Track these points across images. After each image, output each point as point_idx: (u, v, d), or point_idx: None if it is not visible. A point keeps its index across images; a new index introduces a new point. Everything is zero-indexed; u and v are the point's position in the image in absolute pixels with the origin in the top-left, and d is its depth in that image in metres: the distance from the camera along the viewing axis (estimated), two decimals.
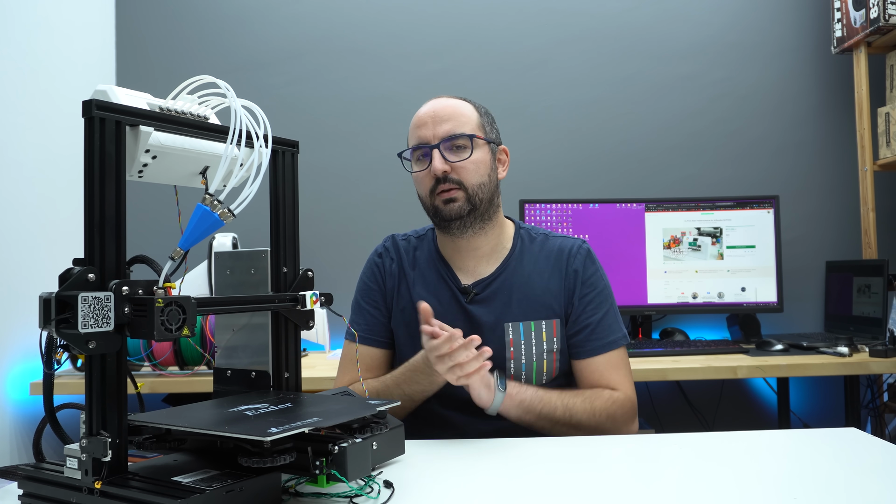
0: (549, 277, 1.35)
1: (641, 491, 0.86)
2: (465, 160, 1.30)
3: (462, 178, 1.29)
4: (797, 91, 2.56)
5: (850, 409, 2.19)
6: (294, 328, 0.96)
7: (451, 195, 1.29)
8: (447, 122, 1.30)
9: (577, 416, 1.23)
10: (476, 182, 1.30)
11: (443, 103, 1.34)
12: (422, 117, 1.33)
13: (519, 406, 1.21)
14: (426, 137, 1.31)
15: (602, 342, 1.32)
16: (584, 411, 1.24)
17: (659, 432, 1.56)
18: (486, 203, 1.32)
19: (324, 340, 2.19)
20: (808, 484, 0.88)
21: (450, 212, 1.30)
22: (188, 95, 0.88)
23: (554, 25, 2.57)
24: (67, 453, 0.74)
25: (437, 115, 1.31)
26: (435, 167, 1.29)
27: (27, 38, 2.04)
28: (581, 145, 2.55)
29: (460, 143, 1.30)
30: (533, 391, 1.23)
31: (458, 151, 1.30)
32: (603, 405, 1.26)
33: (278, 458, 0.74)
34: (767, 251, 2.31)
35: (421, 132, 1.32)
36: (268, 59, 2.56)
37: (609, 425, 1.25)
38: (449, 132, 1.30)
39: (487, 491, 0.87)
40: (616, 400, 1.27)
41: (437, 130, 1.30)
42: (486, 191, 1.32)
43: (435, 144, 1.29)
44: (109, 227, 0.74)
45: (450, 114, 1.31)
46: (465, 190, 1.29)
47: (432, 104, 1.34)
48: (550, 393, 1.24)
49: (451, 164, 1.29)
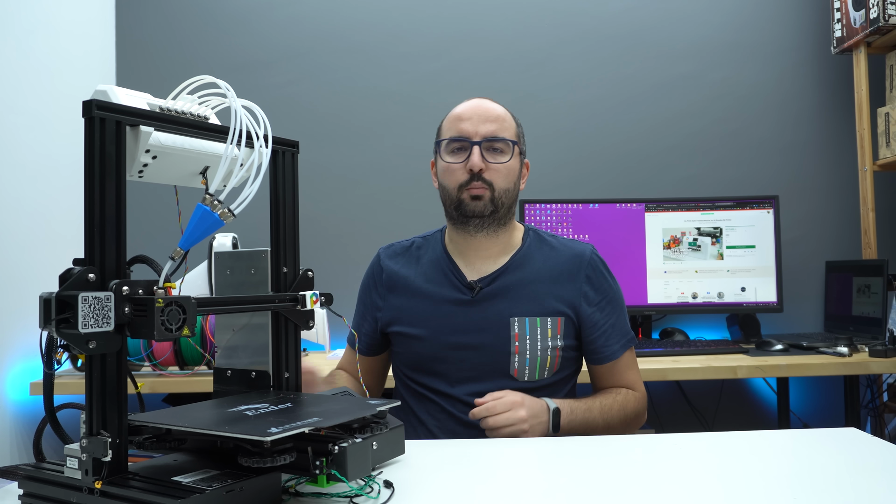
0: (558, 278, 1.37)
1: (641, 491, 0.86)
2: (502, 164, 1.33)
3: (493, 179, 1.33)
4: (797, 91, 2.56)
5: (849, 409, 2.19)
6: (294, 328, 0.96)
7: (479, 192, 1.32)
8: (492, 122, 1.34)
9: (613, 426, 1.31)
10: (504, 186, 1.34)
11: (488, 104, 1.37)
12: (466, 112, 1.35)
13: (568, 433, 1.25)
14: (468, 132, 1.33)
15: (619, 344, 1.37)
16: (619, 420, 1.32)
17: (659, 432, 1.57)
18: (506, 208, 1.36)
19: (324, 340, 2.19)
20: (808, 484, 0.88)
21: (473, 208, 1.33)
22: (188, 95, 0.88)
23: (554, 25, 2.57)
24: (67, 453, 0.74)
25: (483, 113, 1.34)
26: (473, 162, 1.31)
27: (27, 38, 2.04)
28: (581, 145, 2.55)
29: (500, 146, 1.34)
30: (581, 416, 1.27)
31: (497, 154, 1.34)
32: (633, 409, 1.35)
33: (278, 458, 0.74)
34: (767, 251, 2.31)
35: (463, 126, 1.34)
36: (268, 59, 2.56)
37: (634, 425, 1.35)
38: (493, 133, 1.33)
39: (487, 491, 0.87)
40: (639, 400, 1.37)
41: (481, 128, 1.33)
42: (510, 197, 1.36)
43: (477, 141, 1.32)
44: (109, 227, 0.74)
45: (495, 116, 1.35)
46: (493, 191, 1.33)
47: (477, 102, 1.37)
48: (592, 411, 1.29)
49: (488, 163, 1.32)
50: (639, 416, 1.36)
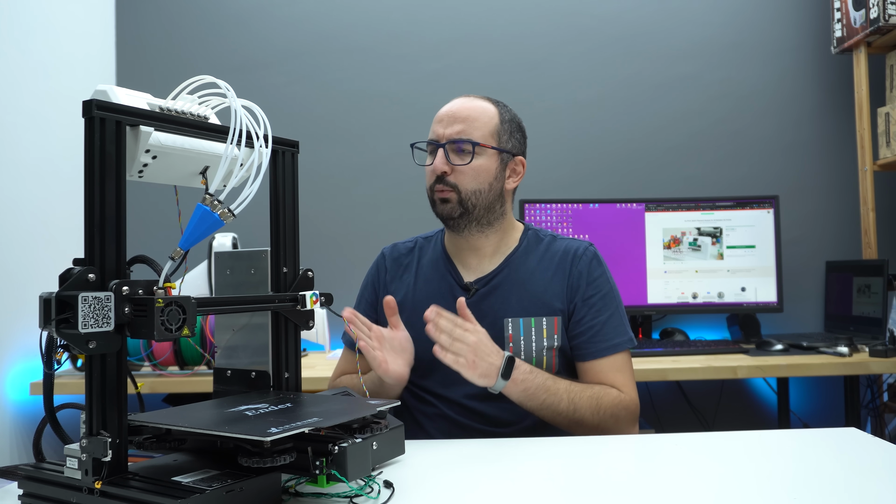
0: (552, 276, 1.35)
1: (641, 491, 0.86)
2: (464, 165, 1.31)
3: (458, 182, 1.31)
4: (797, 91, 2.56)
5: (850, 409, 2.19)
6: (294, 328, 0.96)
7: (444, 195, 1.32)
8: (459, 123, 1.32)
9: (581, 412, 1.22)
10: (471, 188, 1.31)
11: (462, 104, 1.35)
12: (440, 113, 1.35)
13: (523, 392, 1.20)
14: (437, 134, 1.33)
15: (605, 345, 1.31)
16: (589, 408, 1.23)
17: (659, 432, 1.57)
18: (481, 209, 1.33)
19: (324, 340, 2.19)
20: (808, 484, 0.88)
21: (442, 211, 1.33)
22: (188, 95, 0.88)
23: (554, 25, 2.57)
24: (67, 453, 0.74)
25: (453, 114, 1.33)
26: (435, 166, 1.31)
27: (27, 38, 2.04)
28: (581, 145, 2.55)
29: (464, 147, 1.31)
30: (541, 380, 1.21)
31: (461, 155, 1.32)
32: (609, 404, 1.25)
33: (278, 458, 0.74)
34: (767, 251, 2.31)
35: (435, 127, 1.34)
36: (268, 59, 2.56)
37: (611, 424, 1.25)
38: (456, 134, 1.31)
39: (487, 491, 0.87)
40: (622, 401, 1.27)
41: (448, 130, 1.32)
42: (483, 198, 1.32)
43: (441, 144, 1.31)
44: (109, 227, 0.74)
45: (465, 115, 1.32)
46: (459, 193, 1.31)
47: (454, 102, 1.36)
48: (558, 383, 1.23)
49: (452, 166, 1.31)
50: (617, 416, 1.25)
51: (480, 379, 1.16)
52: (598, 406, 1.24)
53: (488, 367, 1.16)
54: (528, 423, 1.29)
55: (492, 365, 1.17)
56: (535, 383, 1.21)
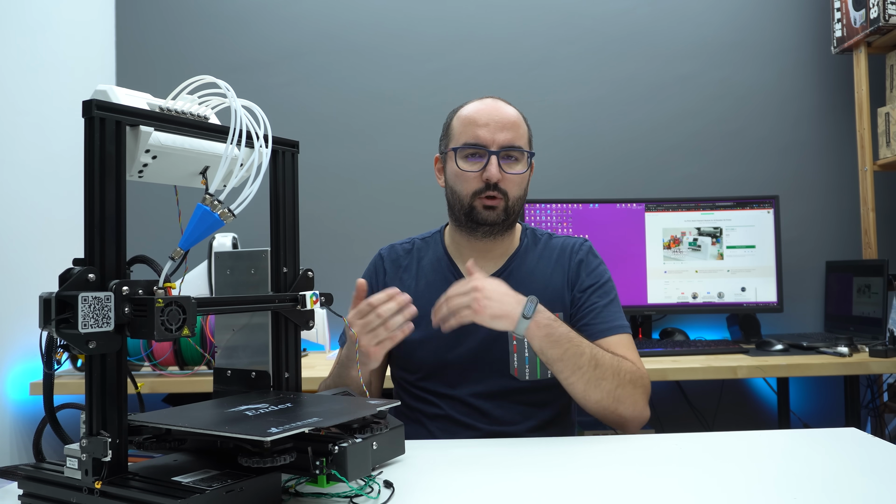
0: (552, 272, 1.37)
1: (641, 491, 0.86)
2: (518, 174, 1.32)
3: (508, 189, 1.32)
4: (797, 91, 2.56)
5: (850, 409, 2.19)
6: (294, 328, 0.96)
7: (493, 203, 1.31)
8: (509, 130, 1.31)
9: (603, 370, 1.19)
10: (517, 195, 1.34)
11: (504, 108, 1.34)
12: (481, 117, 1.32)
13: (546, 338, 1.17)
14: (485, 140, 1.31)
15: (611, 324, 1.32)
16: (611, 367, 1.20)
17: (659, 432, 1.57)
18: (516, 214, 1.36)
19: (324, 340, 2.19)
20: (808, 484, 0.88)
21: (486, 217, 1.32)
22: (188, 95, 0.88)
23: (554, 25, 2.57)
24: (67, 453, 0.74)
25: (499, 119, 1.32)
26: (491, 174, 1.29)
27: (27, 38, 2.04)
28: (581, 145, 2.55)
29: (517, 155, 1.32)
30: (565, 330, 1.19)
31: (513, 163, 1.33)
32: (628, 371, 1.22)
33: (278, 458, 0.74)
34: (767, 251, 2.31)
35: (479, 132, 1.31)
36: (268, 59, 2.56)
37: (629, 392, 1.21)
38: (510, 142, 1.31)
39: (487, 491, 0.87)
40: (639, 371, 1.25)
41: (498, 137, 1.30)
42: (521, 204, 1.37)
43: (495, 151, 1.30)
44: (109, 227, 0.74)
45: (511, 123, 1.32)
46: (507, 201, 1.32)
47: (493, 105, 1.34)
48: (581, 338, 1.21)
49: (504, 173, 1.31)
50: (635, 384, 1.22)
51: (494, 320, 1.15)
52: (619, 368, 1.21)
53: (501, 306, 1.15)
54: (533, 422, 1.29)
55: (508, 303, 1.15)
56: (560, 331, 1.18)
